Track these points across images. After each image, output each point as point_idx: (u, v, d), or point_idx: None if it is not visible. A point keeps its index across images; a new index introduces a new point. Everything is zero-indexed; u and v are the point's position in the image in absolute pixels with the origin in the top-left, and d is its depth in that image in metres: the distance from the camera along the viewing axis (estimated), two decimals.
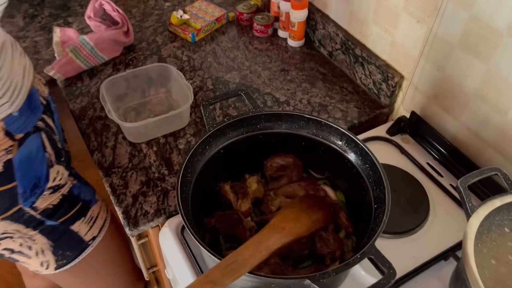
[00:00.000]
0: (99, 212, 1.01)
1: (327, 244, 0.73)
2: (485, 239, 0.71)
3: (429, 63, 0.96)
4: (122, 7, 1.47)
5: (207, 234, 0.79)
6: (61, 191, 0.89)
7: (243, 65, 1.26)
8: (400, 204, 0.89)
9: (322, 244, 0.74)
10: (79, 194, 0.95)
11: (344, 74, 1.23)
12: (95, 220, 1.00)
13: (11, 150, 0.76)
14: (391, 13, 1.03)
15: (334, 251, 0.73)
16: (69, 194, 0.91)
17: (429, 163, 1.00)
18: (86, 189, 0.98)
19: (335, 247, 0.73)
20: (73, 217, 0.93)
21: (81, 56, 1.19)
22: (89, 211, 0.98)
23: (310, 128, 0.83)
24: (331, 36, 1.24)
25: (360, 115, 1.11)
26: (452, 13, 0.86)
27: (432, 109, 1.00)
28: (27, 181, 0.80)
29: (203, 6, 1.43)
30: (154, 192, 0.94)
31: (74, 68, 1.19)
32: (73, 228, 0.94)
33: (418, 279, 0.80)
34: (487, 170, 0.79)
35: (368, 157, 0.76)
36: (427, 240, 0.86)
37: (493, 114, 0.85)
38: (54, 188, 0.87)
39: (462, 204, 0.76)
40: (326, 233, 0.75)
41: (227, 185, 0.81)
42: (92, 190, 1.02)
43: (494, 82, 0.83)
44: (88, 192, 0.99)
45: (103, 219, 1.03)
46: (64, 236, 0.94)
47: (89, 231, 0.98)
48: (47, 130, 0.85)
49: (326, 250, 0.73)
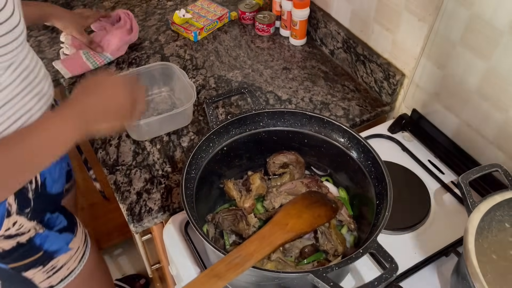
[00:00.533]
0: (66, 262, 0.93)
1: (329, 240, 0.74)
2: (486, 234, 0.71)
3: (430, 61, 0.96)
4: (124, 6, 1.48)
5: (211, 230, 0.80)
6: (16, 239, 0.83)
7: (245, 63, 1.27)
8: (401, 201, 0.90)
9: (325, 240, 0.74)
10: (41, 244, 0.87)
11: (346, 73, 1.24)
12: (57, 270, 0.92)
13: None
14: (392, 12, 1.03)
15: (336, 246, 0.74)
16: (28, 243, 0.85)
17: (430, 160, 1.00)
18: (56, 239, 0.90)
19: (337, 243, 0.74)
20: (28, 264, 0.87)
21: (91, 57, 1.21)
22: (52, 261, 0.90)
23: (312, 126, 0.84)
24: (332, 35, 1.25)
25: (361, 113, 1.12)
26: (453, 11, 0.86)
27: (433, 106, 1.00)
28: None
29: (205, 5, 1.44)
30: (158, 189, 0.95)
31: (81, 67, 1.20)
32: (26, 275, 0.88)
33: (420, 274, 0.81)
34: (488, 166, 0.80)
35: (370, 154, 0.76)
36: (428, 236, 0.87)
37: (494, 112, 0.86)
38: (5, 236, 0.81)
39: (463, 200, 0.76)
40: (328, 229, 0.75)
41: (231, 182, 0.82)
42: (66, 240, 0.92)
43: (495, 80, 0.83)
44: (58, 242, 0.90)
45: (69, 270, 0.94)
46: (15, 279, 0.88)
47: (46, 280, 0.91)
48: None
49: (329, 246, 0.74)
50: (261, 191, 0.81)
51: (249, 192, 0.80)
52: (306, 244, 0.77)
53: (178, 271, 0.86)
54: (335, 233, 0.75)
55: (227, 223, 0.77)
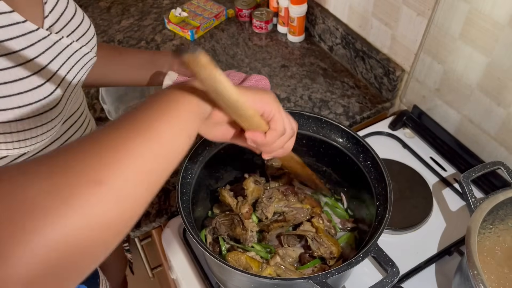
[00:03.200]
0: None
1: (321, 243, 0.72)
2: (488, 233, 0.70)
3: (430, 56, 0.94)
4: (120, 6, 1.47)
5: (209, 236, 0.78)
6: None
7: (243, 62, 1.25)
8: (403, 199, 0.89)
9: (317, 245, 0.73)
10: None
11: (345, 69, 1.22)
12: None
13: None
14: (391, 6, 1.01)
15: (329, 248, 0.72)
16: None
17: (432, 157, 0.99)
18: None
19: (330, 244, 0.72)
20: None
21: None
22: None
23: (310, 126, 0.82)
24: (331, 31, 1.23)
25: (361, 110, 1.10)
26: (452, 5, 0.84)
27: (434, 102, 0.99)
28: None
29: (201, 3, 1.42)
30: None
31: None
32: None
33: (422, 274, 0.79)
34: (490, 164, 0.78)
35: (369, 154, 0.75)
36: (430, 234, 0.85)
37: (495, 107, 0.84)
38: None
39: (465, 199, 0.75)
40: (318, 233, 0.74)
41: (225, 191, 0.80)
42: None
43: (497, 75, 0.81)
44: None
45: None
46: None
47: None
48: None
49: (322, 250, 0.72)
50: (256, 194, 0.80)
51: (245, 198, 0.78)
52: (299, 252, 0.75)
53: (177, 275, 0.85)
54: (324, 236, 0.74)
55: (224, 228, 0.76)
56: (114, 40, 1.34)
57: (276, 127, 0.55)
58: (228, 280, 0.71)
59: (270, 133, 0.55)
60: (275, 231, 0.78)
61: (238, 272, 0.61)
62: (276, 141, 0.57)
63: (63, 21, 0.65)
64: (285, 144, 0.59)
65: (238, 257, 0.69)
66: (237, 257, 0.69)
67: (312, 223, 0.76)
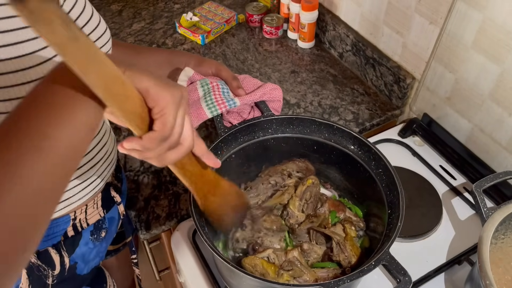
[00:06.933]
0: None
1: (343, 251, 0.72)
2: (500, 244, 0.70)
3: (442, 64, 0.95)
4: (132, 10, 1.48)
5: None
6: None
7: (253, 67, 1.26)
8: (412, 207, 0.88)
9: (339, 251, 0.73)
10: None
11: (355, 76, 1.23)
12: None
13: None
14: (403, 15, 1.02)
15: (349, 258, 0.72)
16: None
17: (442, 166, 0.99)
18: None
19: (351, 254, 0.72)
20: None
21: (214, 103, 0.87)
22: None
23: (322, 132, 0.82)
24: (341, 38, 1.23)
25: (371, 117, 1.10)
26: (465, 14, 0.85)
27: (444, 111, 0.99)
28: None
29: (212, 8, 1.43)
30: (165, 196, 0.94)
31: (197, 117, 0.88)
32: None
33: (432, 283, 0.79)
34: (503, 174, 0.78)
35: (381, 161, 0.75)
36: (440, 243, 0.85)
37: (507, 117, 0.84)
38: None
39: (477, 208, 0.75)
40: (345, 240, 0.74)
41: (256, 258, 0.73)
42: None
43: (509, 84, 0.82)
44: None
45: None
46: None
47: None
48: (35, 266, 0.69)
49: (342, 257, 0.72)
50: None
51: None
52: (325, 250, 0.76)
53: (186, 279, 0.85)
54: (350, 244, 0.73)
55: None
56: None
57: (159, 128, 0.46)
58: (238, 284, 0.71)
59: (148, 134, 0.46)
60: (305, 225, 0.79)
61: (249, 276, 0.62)
62: (152, 145, 0.47)
63: (78, 24, 0.65)
64: (165, 153, 0.49)
65: (254, 262, 0.69)
66: (253, 263, 0.69)
67: (344, 228, 0.77)
